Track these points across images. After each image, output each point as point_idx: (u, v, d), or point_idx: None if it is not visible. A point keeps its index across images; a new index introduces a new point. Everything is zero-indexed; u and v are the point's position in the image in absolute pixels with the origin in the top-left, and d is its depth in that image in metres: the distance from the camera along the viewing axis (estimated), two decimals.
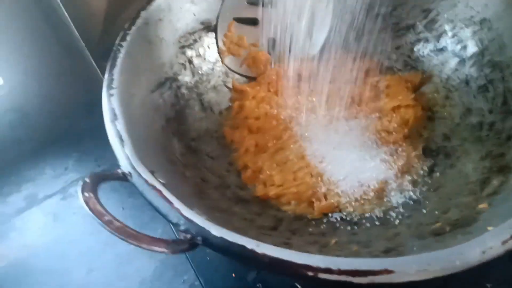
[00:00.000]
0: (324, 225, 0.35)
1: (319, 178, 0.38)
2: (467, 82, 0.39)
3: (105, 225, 0.22)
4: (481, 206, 0.29)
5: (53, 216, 0.50)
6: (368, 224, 0.35)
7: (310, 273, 0.22)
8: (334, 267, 0.22)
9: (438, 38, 0.42)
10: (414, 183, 0.37)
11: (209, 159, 0.39)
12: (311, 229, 0.35)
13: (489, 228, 0.23)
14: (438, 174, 0.37)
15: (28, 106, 0.55)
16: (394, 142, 0.38)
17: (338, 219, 0.36)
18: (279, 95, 0.43)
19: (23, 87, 0.53)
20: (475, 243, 0.22)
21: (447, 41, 0.41)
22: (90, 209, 0.23)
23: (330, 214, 0.36)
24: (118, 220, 0.23)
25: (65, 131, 0.59)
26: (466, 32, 0.40)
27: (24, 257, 0.46)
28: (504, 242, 0.22)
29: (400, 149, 0.38)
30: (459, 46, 0.40)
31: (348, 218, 0.36)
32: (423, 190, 0.36)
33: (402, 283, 0.21)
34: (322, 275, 0.22)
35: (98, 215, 0.23)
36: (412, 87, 0.42)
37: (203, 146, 0.39)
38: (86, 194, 0.23)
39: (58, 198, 0.52)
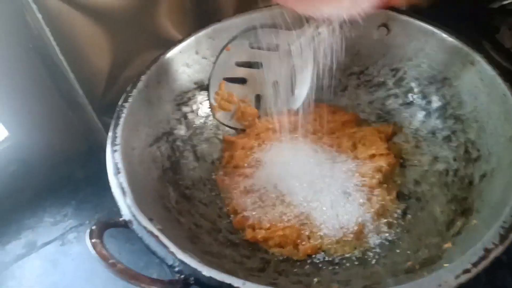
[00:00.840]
0: (308, 266, 0.38)
1: (304, 222, 0.41)
2: (433, 133, 0.44)
3: (110, 267, 0.25)
4: (446, 245, 0.33)
5: (51, 262, 0.51)
6: (348, 264, 0.38)
7: None
8: None
9: (406, 93, 0.47)
10: (389, 225, 0.40)
11: (202, 206, 0.42)
12: (296, 270, 0.38)
13: (445, 265, 0.26)
14: (410, 216, 0.40)
15: (30, 156, 0.57)
16: (370, 187, 0.42)
17: (321, 259, 0.39)
18: (265, 144, 0.47)
19: (26, 138, 0.56)
20: (432, 278, 0.26)
21: (414, 96, 0.46)
22: (97, 253, 0.26)
23: (313, 255, 0.39)
24: (121, 263, 0.26)
25: (64, 179, 0.61)
26: (430, 89, 0.45)
27: None
28: (457, 277, 0.26)
29: (376, 193, 0.42)
30: (424, 101, 0.45)
31: (330, 259, 0.39)
32: (397, 231, 0.40)
33: None
34: None
35: (104, 258, 0.26)
36: (385, 137, 0.46)
37: (196, 193, 0.43)
38: (93, 240, 0.27)
39: (57, 245, 0.53)
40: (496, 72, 0.38)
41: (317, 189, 0.43)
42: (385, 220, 0.41)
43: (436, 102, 0.44)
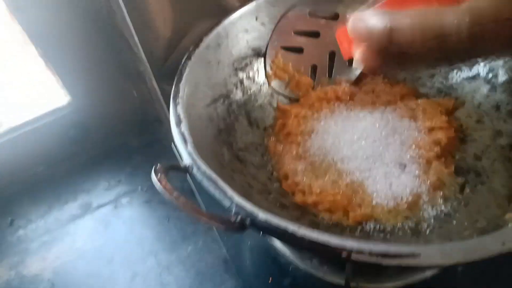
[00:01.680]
0: (358, 233, 0.38)
1: (356, 190, 0.41)
2: (497, 107, 0.42)
3: (173, 200, 0.26)
4: (508, 216, 0.31)
5: (104, 224, 0.54)
6: (400, 233, 0.37)
7: (344, 254, 0.25)
8: (366, 249, 0.25)
9: (471, 67, 0.45)
10: (445, 198, 0.39)
11: (253, 168, 0.43)
12: (345, 236, 0.37)
13: (510, 224, 0.25)
14: (468, 190, 0.39)
15: (89, 122, 0.60)
16: (427, 160, 0.41)
17: (372, 228, 0.38)
18: (319, 114, 0.47)
19: (87, 104, 0.59)
20: (496, 236, 0.25)
21: (479, 70, 0.44)
22: (162, 186, 0.27)
23: (364, 223, 0.39)
24: (183, 196, 0.27)
25: (119, 146, 0.64)
26: (498, 61, 0.43)
27: (74, 259, 0.50)
28: None
29: (433, 167, 0.40)
30: (490, 74, 0.43)
31: (381, 228, 0.38)
32: (454, 204, 0.38)
33: (427, 266, 0.24)
34: (355, 256, 0.25)
35: (168, 191, 0.27)
36: (446, 111, 0.45)
37: (249, 157, 0.44)
38: (159, 175, 0.28)
39: (110, 208, 0.56)
40: None
41: (371, 159, 0.42)
42: (442, 193, 0.39)
43: (503, 76, 0.42)
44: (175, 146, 0.34)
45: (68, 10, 0.50)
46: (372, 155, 0.42)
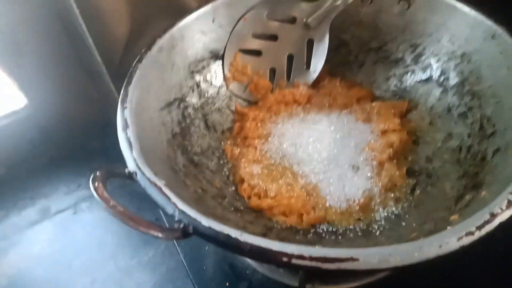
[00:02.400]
0: (310, 235, 0.38)
1: (310, 193, 0.41)
2: (449, 110, 0.43)
3: (110, 210, 0.26)
4: (453, 217, 0.32)
5: (63, 229, 0.53)
6: (351, 235, 0.37)
7: (285, 259, 0.25)
8: (306, 254, 0.25)
9: (424, 70, 0.46)
10: (397, 200, 0.39)
11: (209, 172, 0.42)
12: (298, 238, 0.37)
13: (448, 227, 0.26)
14: (419, 192, 0.39)
15: (48, 124, 0.59)
16: (380, 162, 0.41)
17: (325, 230, 0.38)
18: (277, 117, 0.47)
19: (45, 106, 0.57)
20: (434, 239, 0.25)
21: (432, 73, 0.45)
22: (98, 195, 0.26)
23: (317, 225, 0.39)
24: (121, 205, 0.26)
25: (80, 149, 0.62)
26: (449, 65, 0.44)
27: (32, 266, 0.49)
28: (459, 239, 0.25)
29: (385, 169, 0.41)
30: (442, 77, 0.44)
31: (333, 229, 0.38)
32: (404, 206, 0.39)
33: (365, 271, 0.24)
34: (295, 261, 0.25)
35: (105, 201, 0.26)
36: (399, 114, 0.45)
37: (205, 161, 0.43)
38: (96, 184, 0.27)
39: (70, 213, 0.54)
40: None
41: (325, 162, 0.42)
42: (393, 195, 0.40)
43: (454, 79, 0.43)
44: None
45: (22, 11, 0.49)
46: (327, 157, 0.42)
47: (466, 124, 0.40)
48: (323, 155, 0.42)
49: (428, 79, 0.45)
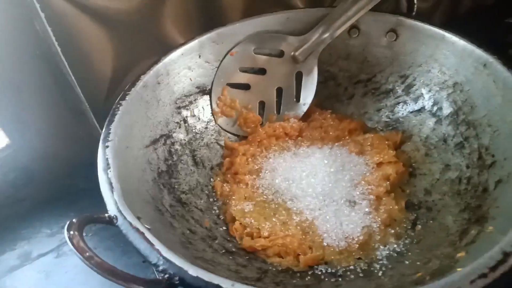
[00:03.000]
0: (309, 277, 0.35)
1: (306, 231, 0.39)
2: (445, 140, 0.41)
3: (85, 261, 0.23)
4: (459, 254, 0.30)
5: (45, 274, 0.49)
6: (352, 276, 0.35)
7: None
8: None
9: (415, 100, 0.45)
10: (397, 235, 0.37)
11: (197, 211, 0.40)
12: (295, 281, 0.35)
13: (459, 269, 0.24)
14: (420, 227, 0.37)
15: (31, 165, 0.57)
16: (377, 196, 0.39)
17: (323, 271, 0.36)
18: (267, 151, 0.45)
19: (28, 146, 0.55)
20: (444, 283, 0.23)
21: (424, 103, 0.44)
22: (73, 245, 0.24)
23: (315, 266, 0.36)
24: (98, 257, 0.24)
25: (64, 190, 0.60)
26: (441, 95, 0.43)
27: None
28: (472, 282, 0.23)
29: (383, 203, 0.39)
30: (435, 107, 0.43)
31: (332, 271, 0.36)
32: (406, 242, 0.37)
33: None
34: None
35: (80, 251, 0.24)
36: (393, 145, 0.44)
37: (193, 199, 0.41)
38: (71, 232, 0.25)
39: (52, 257, 0.51)
40: (510, 73, 0.36)
41: (320, 197, 0.41)
42: (393, 231, 0.38)
43: (447, 108, 0.42)
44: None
45: (4, 51, 0.48)
46: (322, 192, 0.41)
47: (464, 154, 0.39)
48: (317, 190, 0.41)
49: (421, 110, 0.44)
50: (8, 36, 0.46)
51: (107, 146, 0.34)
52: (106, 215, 0.29)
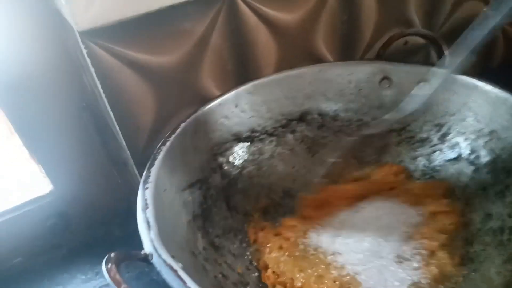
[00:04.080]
0: None
1: (343, 285, 0.37)
2: (484, 189, 0.40)
3: None
4: None
5: None
6: None
7: None
8: None
9: (452, 148, 0.45)
10: None
11: (230, 256, 0.40)
12: None
13: None
14: (461, 279, 0.35)
15: (70, 211, 0.58)
16: (431, 250, 0.38)
17: None
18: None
19: (69, 193, 0.57)
20: None
21: (461, 151, 0.44)
22: (110, 277, 0.25)
23: None
24: None
25: (100, 236, 0.61)
26: (478, 143, 0.42)
27: None
28: None
29: (437, 257, 0.37)
30: (473, 156, 0.43)
31: None
32: None
33: None
34: None
35: (116, 283, 0.24)
36: (444, 194, 0.43)
37: (226, 243, 0.41)
38: (109, 265, 0.25)
39: None
40: None
41: (366, 253, 0.39)
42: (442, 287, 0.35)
43: (485, 157, 0.41)
44: None
45: (53, 102, 0.52)
46: (369, 248, 0.39)
47: (505, 203, 0.38)
48: (364, 246, 0.39)
49: (458, 158, 0.44)
50: (57, 88, 0.50)
51: (147, 188, 0.35)
52: (142, 252, 0.29)
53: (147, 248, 0.30)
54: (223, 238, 0.41)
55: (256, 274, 0.40)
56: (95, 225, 0.61)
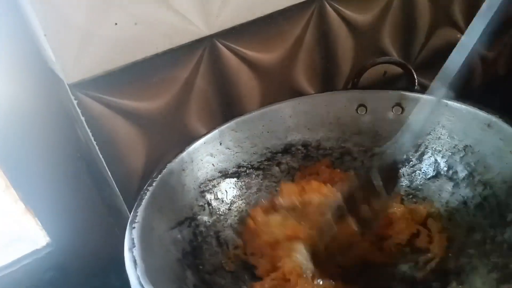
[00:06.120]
0: None
1: None
2: (465, 203, 0.41)
3: None
4: None
5: None
6: None
7: None
8: None
9: (430, 166, 0.46)
10: None
11: None
12: None
13: None
14: None
15: (68, 263, 0.58)
16: None
17: None
18: None
19: (66, 244, 0.57)
20: None
21: (439, 169, 0.45)
22: None
23: None
24: None
25: (99, 287, 0.61)
26: (454, 158, 0.44)
27: None
28: None
29: None
30: (451, 171, 0.44)
31: None
32: None
33: None
34: None
35: None
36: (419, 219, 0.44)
37: (218, 279, 0.41)
38: None
39: None
40: None
41: None
42: None
43: (462, 171, 0.43)
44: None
45: (48, 154, 0.53)
46: None
47: (485, 214, 0.38)
48: None
49: (437, 175, 0.45)
50: (52, 140, 0.52)
51: (134, 228, 0.36)
52: None
53: (134, 285, 0.30)
54: (214, 274, 0.42)
55: None
56: (94, 275, 0.61)
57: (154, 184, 0.42)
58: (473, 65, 0.75)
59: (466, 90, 0.72)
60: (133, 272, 0.31)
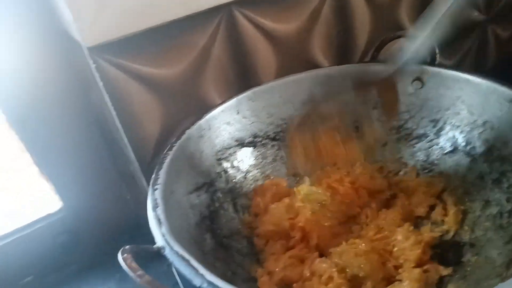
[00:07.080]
0: None
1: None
2: (482, 178, 0.42)
3: (138, 278, 0.25)
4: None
5: None
6: None
7: None
8: None
9: (448, 142, 0.46)
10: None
11: (238, 256, 0.41)
12: None
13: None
14: (464, 263, 0.36)
15: (80, 228, 0.59)
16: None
17: None
18: None
19: (79, 210, 0.58)
20: None
21: (457, 144, 0.45)
22: (127, 265, 0.26)
23: None
24: (150, 276, 0.25)
25: (110, 252, 0.62)
26: (473, 134, 0.44)
27: None
28: None
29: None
30: (468, 147, 0.44)
31: None
32: (451, 278, 0.36)
33: None
34: None
35: (133, 270, 0.26)
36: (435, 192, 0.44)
37: (234, 244, 0.42)
38: (125, 255, 0.27)
39: None
40: None
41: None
42: None
43: (480, 147, 0.43)
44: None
45: (62, 119, 0.53)
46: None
47: (502, 189, 0.39)
48: None
49: (455, 150, 0.45)
50: (66, 106, 0.52)
51: (156, 189, 0.37)
52: (154, 246, 0.31)
53: (159, 242, 0.31)
54: (231, 238, 0.42)
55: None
56: (105, 241, 0.62)
57: (173, 149, 0.42)
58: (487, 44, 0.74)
59: (480, 69, 0.72)
60: (158, 230, 0.32)
